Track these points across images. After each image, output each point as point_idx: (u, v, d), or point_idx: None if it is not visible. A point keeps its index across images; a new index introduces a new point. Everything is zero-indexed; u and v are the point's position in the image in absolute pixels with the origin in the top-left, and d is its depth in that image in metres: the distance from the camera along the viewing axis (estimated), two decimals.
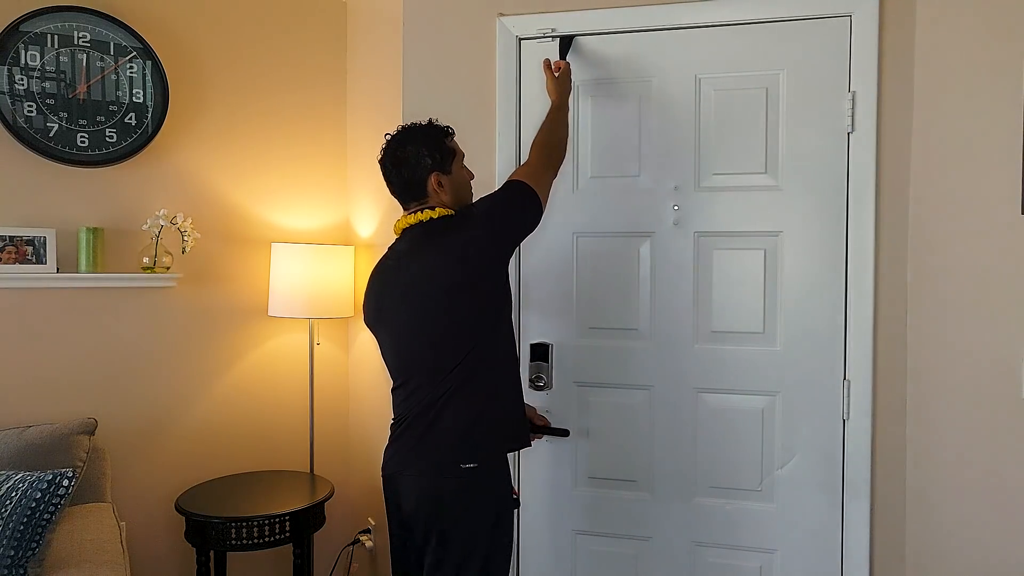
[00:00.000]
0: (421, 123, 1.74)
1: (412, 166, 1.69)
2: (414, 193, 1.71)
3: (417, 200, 1.72)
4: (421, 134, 1.71)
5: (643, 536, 2.11)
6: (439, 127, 1.74)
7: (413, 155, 1.69)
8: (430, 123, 1.74)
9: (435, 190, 1.69)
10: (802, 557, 2.01)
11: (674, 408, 2.08)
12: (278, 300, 2.57)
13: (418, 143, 1.69)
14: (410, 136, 1.71)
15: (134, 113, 2.44)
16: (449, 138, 1.74)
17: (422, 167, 1.68)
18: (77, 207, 2.40)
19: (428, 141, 1.70)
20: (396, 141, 1.72)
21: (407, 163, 1.69)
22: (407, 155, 1.69)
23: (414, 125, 1.74)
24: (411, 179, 1.70)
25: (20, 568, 1.79)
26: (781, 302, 2.01)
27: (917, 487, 1.92)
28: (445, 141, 1.72)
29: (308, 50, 2.80)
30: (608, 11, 2.08)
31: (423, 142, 1.69)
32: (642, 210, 2.09)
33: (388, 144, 1.74)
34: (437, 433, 1.62)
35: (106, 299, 2.45)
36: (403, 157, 1.70)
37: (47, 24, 2.31)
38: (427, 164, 1.68)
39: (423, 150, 1.69)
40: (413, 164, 1.69)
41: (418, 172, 1.69)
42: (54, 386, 2.38)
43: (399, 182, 1.72)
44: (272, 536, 2.31)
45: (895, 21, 1.91)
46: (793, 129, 1.98)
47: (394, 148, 1.71)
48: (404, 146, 1.70)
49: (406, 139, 1.71)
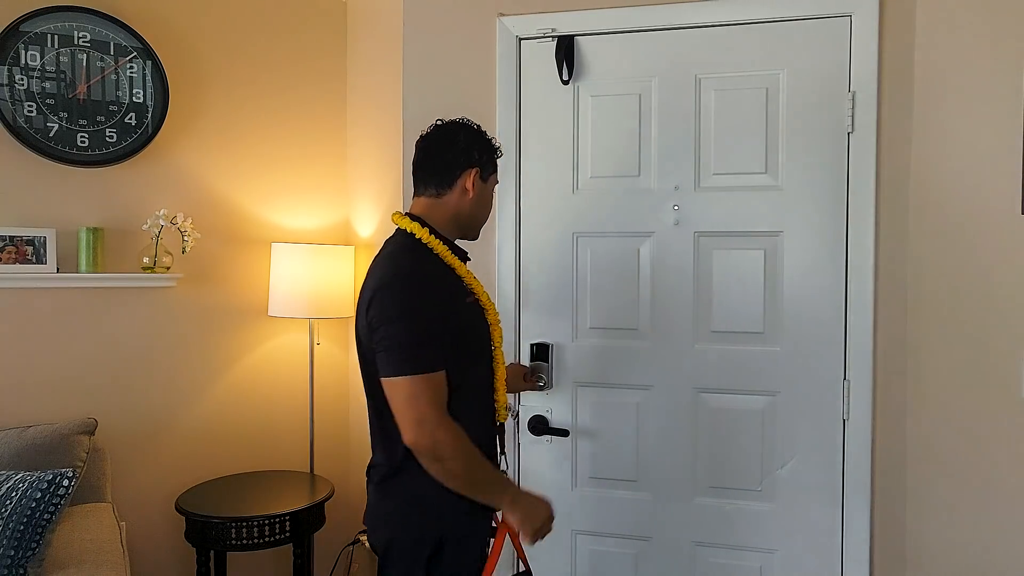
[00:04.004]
0: (475, 124, 1.64)
1: (457, 150, 1.58)
2: (440, 178, 1.58)
3: (436, 188, 1.58)
4: (478, 134, 1.62)
5: (643, 536, 2.11)
6: (487, 135, 1.64)
7: (464, 142, 1.58)
8: (480, 128, 1.64)
9: (464, 188, 1.58)
10: (802, 557, 2.01)
11: (674, 408, 2.08)
12: (278, 300, 2.57)
13: (473, 137, 1.60)
14: (468, 130, 1.61)
15: (134, 113, 2.44)
16: (498, 157, 1.66)
17: (466, 156, 1.58)
18: (77, 207, 2.40)
19: (481, 142, 1.61)
20: (452, 124, 1.61)
21: (455, 145, 1.58)
22: (458, 139, 1.58)
23: (475, 125, 1.64)
24: (449, 161, 1.58)
25: (20, 568, 1.79)
26: (781, 302, 2.01)
27: (917, 487, 1.92)
28: (495, 155, 1.65)
29: (308, 50, 2.80)
30: (608, 11, 2.08)
31: (477, 140, 1.61)
32: (642, 210, 2.09)
33: (440, 124, 1.63)
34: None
35: (106, 299, 2.45)
36: (453, 139, 1.59)
37: (47, 24, 2.31)
38: (473, 157, 1.58)
39: (475, 144, 1.60)
40: (459, 149, 1.58)
41: (460, 158, 1.58)
42: (54, 386, 2.38)
43: (434, 157, 1.58)
44: (272, 536, 2.31)
45: (895, 21, 1.91)
46: (793, 129, 1.98)
47: (446, 129, 1.60)
48: (458, 132, 1.59)
49: (461, 128, 1.60)
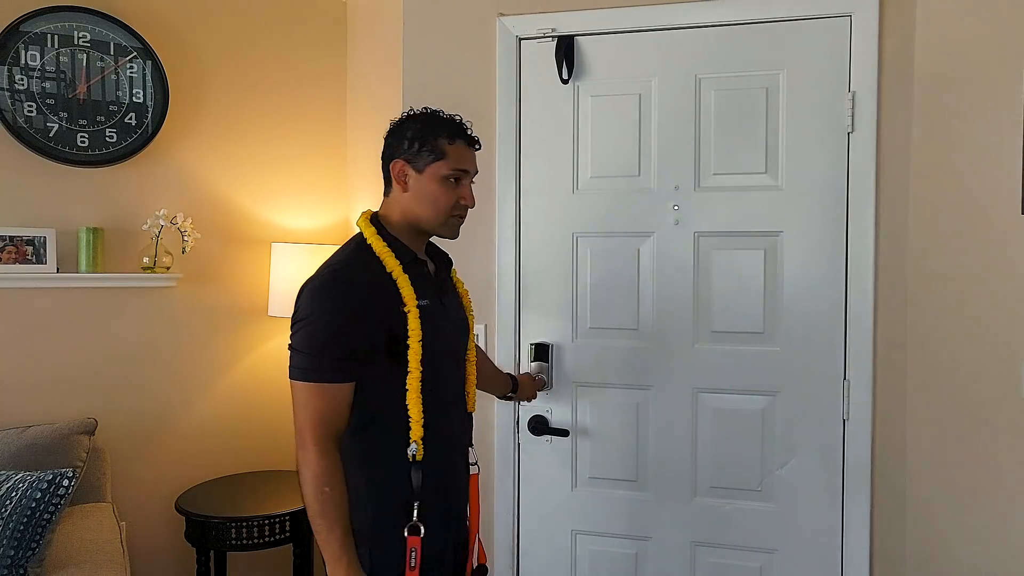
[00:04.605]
0: (430, 109, 1.49)
1: (390, 143, 1.47)
2: (384, 175, 1.49)
3: (385, 184, 1.50)
4: (423, 122, 1.45)
5: (643, 536, 2.11)
6: (440, 119, 1.46)
7: (403, 133, 1.45)
8: (435, 112, 1.48)
9: (398, 183, 1.45)
10: (802, 557, 2.01)
11: (674, 408, 2.08)
12: (278, 300, 2.57)
13: (414, 128, 1.45)
14: (415, 120, 1.47)
15: (134, 113, 2.44)
16: (447, 139, 1.43)
17: (396, 148, 1.45)
18: (77, 207, 2.40)
19: (421, 131, 1.44)
20: (405, 116, 1.51)
21: (394, 137, 1.47)
22: (400, 131, 1.47)
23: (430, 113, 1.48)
24: (385, 156, 1.48)
25: (20, 568, 1.79)
26: (781, 302, 2.01)
27: (917, 487, 1.92)
28: (435, 136, 1.43)
29: (308, 50, 2.80)
30: (608, 11, 2.08)
31: (418, 129, 1.44)
32: (642, 210, 2.09)
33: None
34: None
35: (106, 299, 2.45)
36: (396, 131, 1.48)
37: (47, 24, 2.31)
38: (403, 148, 1.44)
39: (407, 132, 1.44)
40: (391, 142, 1.47)
41: (388, 151, 1.46)
42: (54, 386, 2.38)
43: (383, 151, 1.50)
44: (272, 536, 2.31)
45: (895, 21, 1.91)
46: (793, 129, 1.98)
47: (398, 121, 1.51)
48: (406, 124, 1.47)
49: (411, 120, 1.48)
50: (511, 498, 2.19)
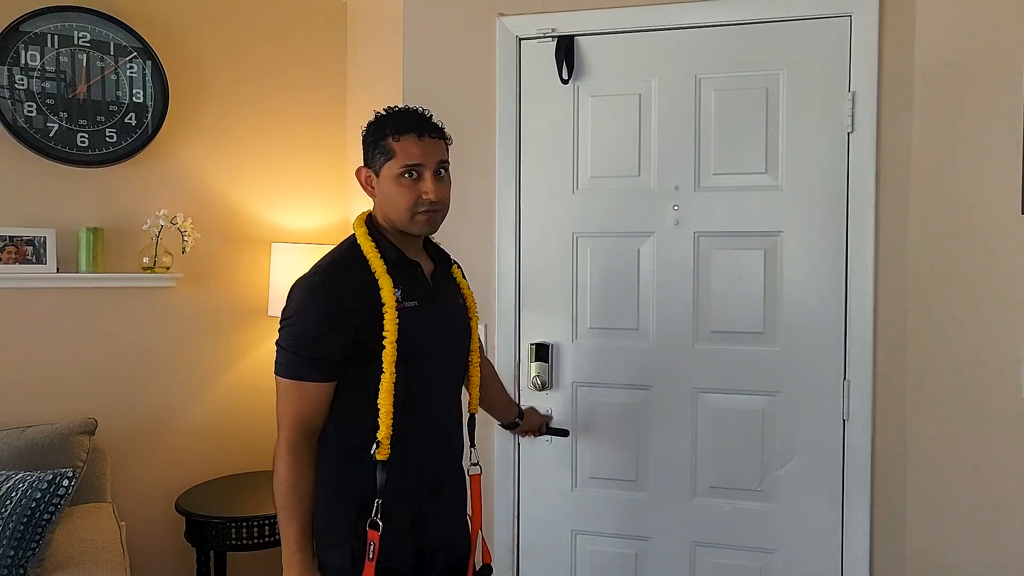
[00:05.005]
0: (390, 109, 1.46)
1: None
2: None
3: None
4: (371, 125, 1.46)
5: (643, 536, 2.11)
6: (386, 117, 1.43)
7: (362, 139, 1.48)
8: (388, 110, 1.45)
9: (365, 188, 1.49)
10: (802, 557, 2.01)
11: (674, 408, 2.08)
12: (278, 300, 2.56)
13: (366, 129, 1.47)
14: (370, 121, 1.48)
15: (134, 113, 2.44)
16: (393, 136, 1.39)
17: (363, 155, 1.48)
18: (77, 207, 2.40)
19: (369, 128, 1.45)
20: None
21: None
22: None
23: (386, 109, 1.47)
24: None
25: (20, 568, 1.79)
26: (781, 302, 2.01)
27: (917, 487, 1.92)
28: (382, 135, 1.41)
29: (308, 50, 2.80)
30: (608, 11, 2.08)
31: (367, 128, 1.46)
32: (642, 210, 2.09)
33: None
34: None
35: (106, 299, 2.45)
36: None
37: (47, 24, 2.31)
38: (365, 154, 1.46)
39: (365, 137, 1.46)
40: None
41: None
42: (54, 386, 2.38)
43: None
44: (272, 536, 2.31)
45: (895, 21, 1.91)
46: (793, 129, 1.98)
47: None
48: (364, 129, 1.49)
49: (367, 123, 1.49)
50: (511, 498, 2.19)
